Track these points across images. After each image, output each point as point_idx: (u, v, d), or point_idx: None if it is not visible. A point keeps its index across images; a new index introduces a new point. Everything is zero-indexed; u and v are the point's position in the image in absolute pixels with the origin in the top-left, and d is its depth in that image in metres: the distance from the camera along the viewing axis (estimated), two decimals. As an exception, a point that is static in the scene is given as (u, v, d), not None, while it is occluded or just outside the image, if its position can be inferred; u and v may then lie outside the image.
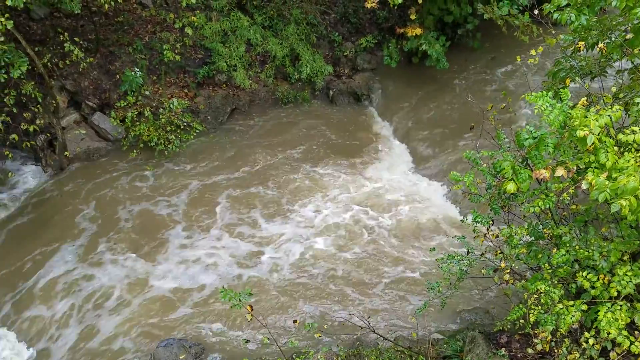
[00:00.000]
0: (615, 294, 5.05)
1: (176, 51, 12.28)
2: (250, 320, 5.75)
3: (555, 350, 5.68)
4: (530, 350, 5.97)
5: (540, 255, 5.95)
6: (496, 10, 12.21)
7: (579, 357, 5.40)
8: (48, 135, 11.45)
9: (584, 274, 5.30)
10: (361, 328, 7.02)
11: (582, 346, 5.34)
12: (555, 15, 6.48)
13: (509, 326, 6.65)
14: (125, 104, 11.73)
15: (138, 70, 11.91)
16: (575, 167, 4.97)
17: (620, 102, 5.90)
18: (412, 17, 13.12)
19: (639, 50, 5.95)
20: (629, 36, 6.13)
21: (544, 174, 4.98)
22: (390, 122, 13.53)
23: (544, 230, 5.99)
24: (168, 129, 11.72)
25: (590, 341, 5.17)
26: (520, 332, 6.74)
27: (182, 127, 11.93)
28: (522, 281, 6.32)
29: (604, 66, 6.93)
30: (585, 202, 6.33)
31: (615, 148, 4.83)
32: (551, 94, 5.36)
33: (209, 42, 13.21)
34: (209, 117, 12.90)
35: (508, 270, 6.28)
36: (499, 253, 6.58)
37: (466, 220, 7.22)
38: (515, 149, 5.64)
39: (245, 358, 7.57)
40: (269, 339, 6.72)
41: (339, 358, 7.21)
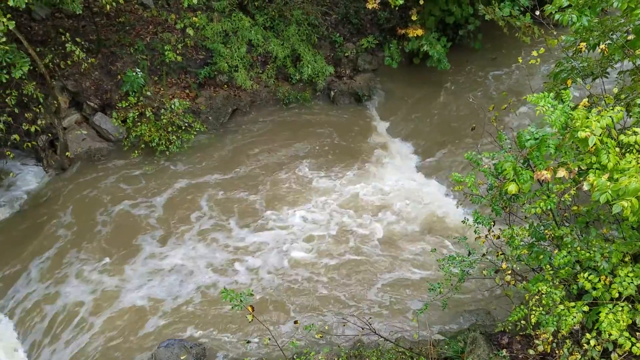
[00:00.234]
0: (617, 295, 5.05)
1: (177, 52, 12.30)
2: (252, 320, 5.75)
3: (557, 352, 5.67)
4: (531, 352, 5.95)
5: (541, 256, 5.95)
6: (497, 11, 12.21)
7: (580, 359, 5.39)
8: (49, 135, 11.45)
9: (586, 275, 5.29)
10: (362, 329, 7.02)
11: (584, 347, 5.33)
12: (556, 16, 6.50)
13: (510, 327, 6.65)
14: (127, 104, 11.74)
15: (139, 70, 11.92)
16: (576, 168, 4.97)
17: (622, 103, 5.90)
18: (414, 18, 13.14)
19: (641, 51, 5.95)
20: (630, 37, 6.14)
21: (546, 175, 4.98)
22: (391, 123, 13.52)
23: (546, 232, 5.98)
24: (169, 129, 11.73)
25: (592, 342, 5.16)
26: (521, 333, 6.74)
27: (183, 127, 11.94)
28: (524, 282, 6.32)
29: (605, 67, 6.93)
30: (586, 203, 6.32)
31: (617, 149, 4.83)
32: (552, 95, 5.36)
33: (210, 42, 13.22)
34: (210, 118, 12.90)
35: (509, 271, 6.27)
36: (501, 254, 6.58)
37: (467, 221, 7.21)
38: (517, 150, 5.64)
39: (246, 358, 7.58)
40: (270, 339, 6.72)
41: (340, 359, 7.21)
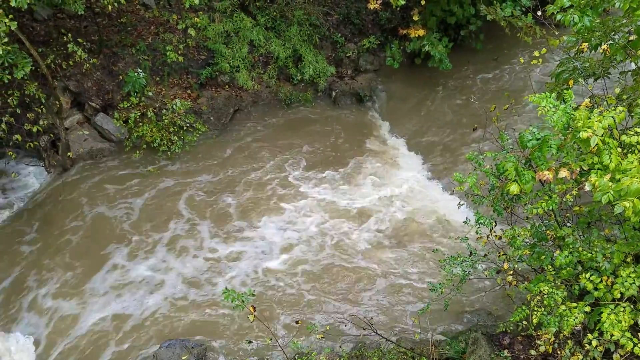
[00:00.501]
0: (619, 295, 5.04)
1: (179, 52, 12.30)
2: (253, 321, 5.76)
3: (558, 352, 5.66)
4: (533, 352, 5.95)
5: (543, 256, 5.94)
6: (499, 11, 12.19)
7: (582, 359, 5.39)
8: (51, 135, 11.47)
9: (587, 275, 5.29)
10: (364, 329, 7.02)
11: (585, 348, 5.32)
12: (558, 17, 6.49)
13: (511, 327, 6.64)
14: (129, 104, 11.75)
15: (141, 71, 11.93)
16: (578, 169, 4.97)
17: (624, 104, 5.89)
18: (415, 18, 13.13)
19: (643, 51, 5.95)
20: (632, 37, 6.14)
21: (547, 175, 4.98)
22: (392, 123, 13.52)
23: (547, 232, 5.97)
24: (171, 129, 11.74)
25: (594, 343, 5.16)
26: (523, 334, 6.73)
27: (184, 128, 11.95)
28: (525, 282, 6.31)
29: (607, 67, 6.92)
30: (588, 203, 6.32)
31: (619, 149, 4.82)
32: (554, 95, 5.36)
33: (211, 43, 13.23)
34: (211, 118, 12.91)
35: (511, 272, 6.27)
36: (502, 254, 6.57)
37: (469, 221, 7.21)
38: (519, 150, 5.64)
39: (247, 358, 7.58)
40: (271, 339, 6.72)
41: (341, 359, 7.21)
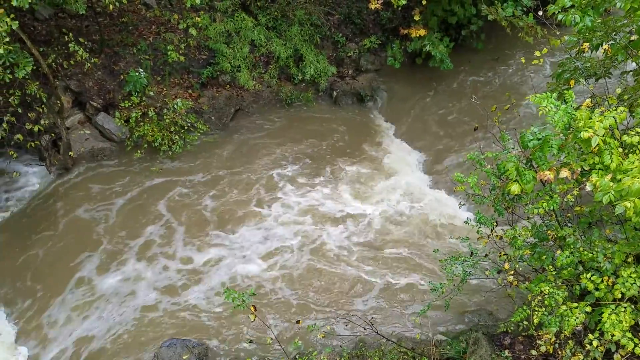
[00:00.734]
0: (620, 295, 5.04)
1: (180, 52, 12.30)
2: (254, 320, 5.76)
3: (559, 352, 5.66)
4: (533, 352, 5.95)
5: (544, 256, 5.94)
6: (500, 11, 12.19)
7: (583, 359, 5.39)
8: (52, 135, 11.47)
9: (588, 275, 5.29)
10: (364, 329, 7.02)
11: (586, 348, 5.33)
12: (559, 17, 6.49)
13: (512, 328, 6.64)
14: (130, 104, 11.76)
15: (142, 70, 11.94)
16: (579, 169, 4.96)
17: (625, 104, 5.89)
18: (416, 18, 13.13)
19: (644, 51, 5.95)
20: (633, 37, 6.13)
21: (548, 175, 4.97)
22: (393, 123, 13.52)
23: (548, 232, 5.98)
24: (172, 129, 11.74)
25: (594, 343, 5.16)
26: (523, 334, 6.73)
27: (186, 127, 11.96)
28: (526, 283, 6.31)
29: (608, 67, 6.92)
30: (589, 203, 6.31)
31: (620, 149, 4.82)
32: (555, 95, 5.36)
33: (212, 42, 13.23)
34: (212, 118, 12.91)
35: (512, 272, 6.27)
36: (503, 254, 6.57)
37: (470, 221, 7.21)
38: (520, 150, 5.64)
39: (248, 358, 7.59)
40: (272, 339, 6.73)
41: (342, 359, 7.21)
